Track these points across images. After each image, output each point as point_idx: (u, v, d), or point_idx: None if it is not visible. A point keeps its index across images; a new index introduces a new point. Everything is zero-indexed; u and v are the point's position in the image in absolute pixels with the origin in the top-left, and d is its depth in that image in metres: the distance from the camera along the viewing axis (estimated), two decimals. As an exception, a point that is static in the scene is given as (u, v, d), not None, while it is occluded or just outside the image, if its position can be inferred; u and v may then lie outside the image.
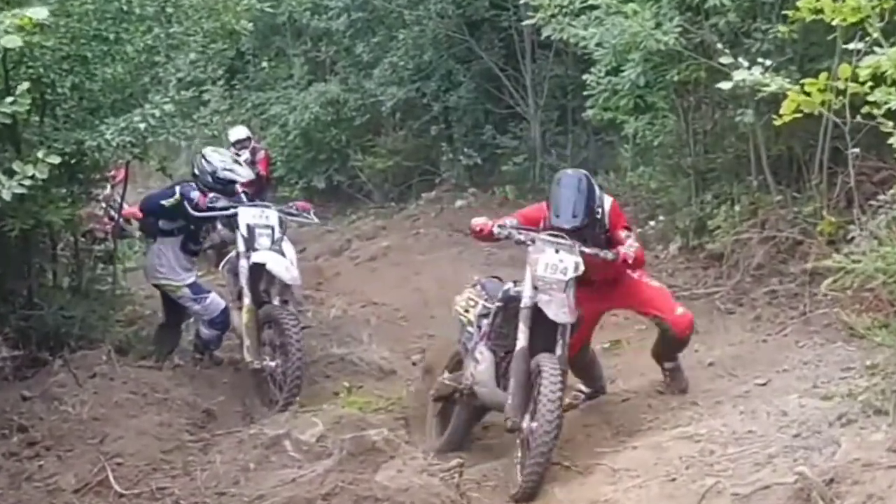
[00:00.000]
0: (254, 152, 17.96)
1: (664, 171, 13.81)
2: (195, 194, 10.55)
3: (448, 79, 19.55)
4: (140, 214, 11.73)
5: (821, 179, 11.05)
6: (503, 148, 18.62)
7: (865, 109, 6.65)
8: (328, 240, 18.86)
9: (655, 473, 7.11)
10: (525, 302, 7.99)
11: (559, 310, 7.92)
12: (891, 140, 6.89)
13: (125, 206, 11.90)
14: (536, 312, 7.97)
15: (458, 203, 18.43)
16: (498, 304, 8.30)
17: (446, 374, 8.94)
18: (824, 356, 9.32)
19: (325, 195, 20.98)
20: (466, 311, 8.68)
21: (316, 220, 11.92)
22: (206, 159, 11.01)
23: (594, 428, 9.10)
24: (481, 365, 8.26)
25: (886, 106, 6.47)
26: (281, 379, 9.80)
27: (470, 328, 8.57)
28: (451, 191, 19.34)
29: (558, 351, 7.91)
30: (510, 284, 8.38)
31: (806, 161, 11.53)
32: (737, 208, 11.76)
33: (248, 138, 18.29)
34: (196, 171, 11.01)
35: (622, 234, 8.58)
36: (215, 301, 10.72)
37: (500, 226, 8.37)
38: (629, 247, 8.37)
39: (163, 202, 10.69)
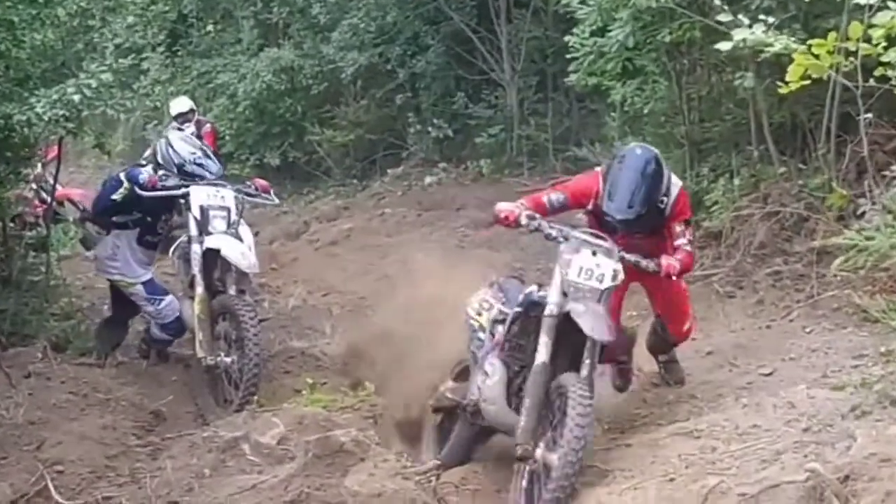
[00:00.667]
0: (199, 126, 17.89)
1: (655, 142, 13.67)
2: (143, 176, 10.41)
3: (414, 42, 19.52)
4: (76, 195, 11.70)
5: (828, 149, 11.10)
6: (476, 118, 18.60)
7: (879, 71, 6.71)
8: (284, 222, 18.85)
9: (652, 473, 7.13)
10: (551, 309, 7.55)
11: (596, 323, 7.44)
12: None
13: (59, 187, 11.81)
14: (562, 323, 7.53)
15: (428, 179, 18.44)
16: (517, 309, 7.83)
17: (449, 384, 8.62)
18: (834, 343, 9.38)
19: (280, 173, 20.87)
20: (479, 314, 8.28)
21: (276, 201, 11.91)
22: (172, 147, 10.79)
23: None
24: (491, 379, 7.79)
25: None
26: (237, 376, 9.77)
27: (481, 334, 8.17)
28: (419, 166, 19.31)
29: (585, 371, 7.47)
30: (533, 287, 7.93)
31: (811, 129, 11.58)
32: (736, 182, 11.81)
33: (192, 111, 18.22)
34: (158, 159, 10.78)
35: (677, 228, 8.26)
36: (172, 304, 10.62)
37: (529, 216, 7.93)
38: (675, 259, 8.02)
39: (114, 197, 10.48)
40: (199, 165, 10.71)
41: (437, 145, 19.19)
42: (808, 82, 6.97)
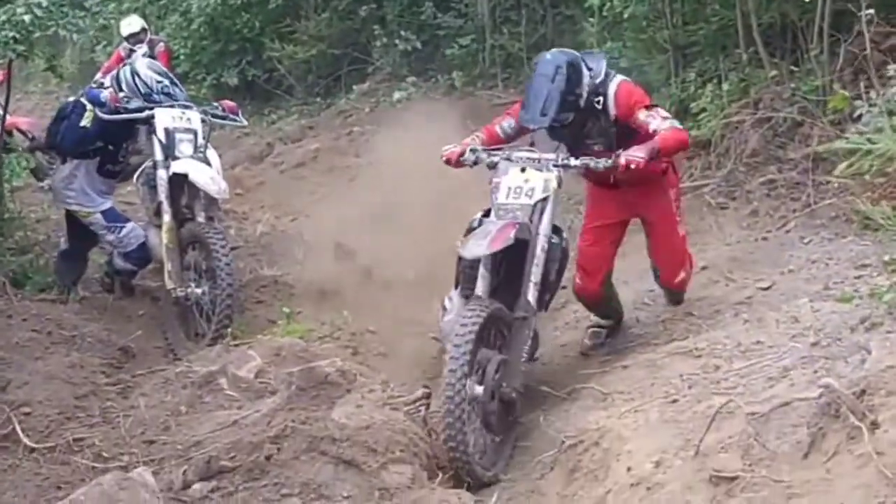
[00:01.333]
0: (151, 46, 17.74)
1: (637, 48, 13.73)
2: (104, 94, 10.36)
3: (379, -52, 19.27)
4: (23, 124, 11.55)
5: (821, 49, 11.05)
6: (446, 28, 18.36)
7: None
8: (246, 144, 18.71)
9: (652, 395, 7.15)
10: None
11: (483, 241, 7.57)
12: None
13: (8, 115, 11.63)
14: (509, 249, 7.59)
15: (396, 95, 18.25)
16: (462, 238, 7.99)
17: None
18: (834, 253, 9.41)
19: (239, 93, 20.47)
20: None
21: (245, 123, 11.93)
22: (139, 76, 10.67)
23: (572, 347, 9.19)
24: (448, 314, 8.09)
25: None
26: (209, 308, 9.78)
27: None
28: (387, 81, 19.12)
29: (529, 294, 7.71)
30: (477, 215, 8.09)
31: (803, 28, 11.51)
32: (725, 87, 11.77)
33: (144, 30, 18.06)
34: (123, 87, 10.65)
35: (640, 117, 8.02)
36: (133, 232, 10.58)
37: (472, 149, 8.15)
38: (643, 147, 7.71)
39: (83, 124, 10.40)
40: (168, 95, 10.63)
41: (405, 58, 18.96)
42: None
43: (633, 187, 8.43)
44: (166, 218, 10.12)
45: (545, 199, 7.76)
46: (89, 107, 10.31)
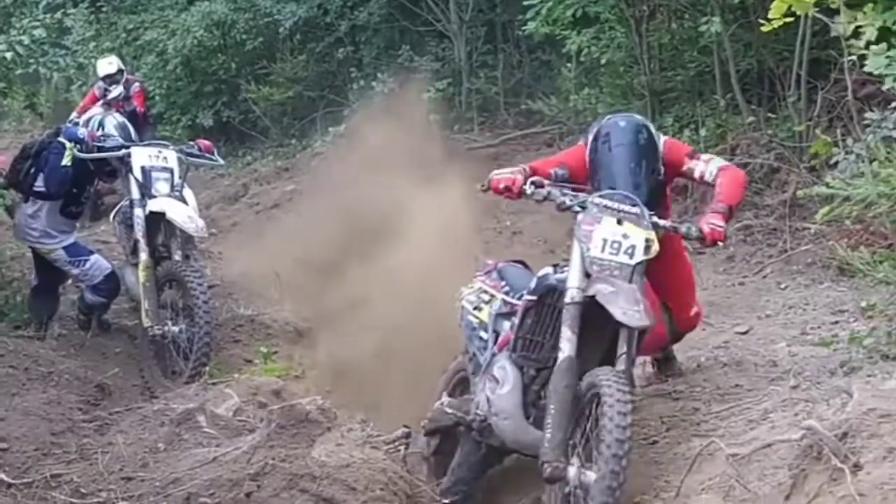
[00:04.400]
0: (127, 86, 17.73)
1: (614, 93, 13.85)
2: (82, 131, 10.41)
3: (355, -8, 19.39)
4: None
5: (798, 96, 11.17)
6: (422, 71, 18.41)
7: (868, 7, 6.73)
8: (220, 185, 18.79)
9: (633, 437, 7.09)
10: (572, 295, 6.49)
11: (629, 307, 6.32)
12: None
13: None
14: (587, 310, 6.48)
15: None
16: (529, 297, 6.80)
17: (445, 399, 7.61)
18: (811, 298, 9.49)
19: (214, 133, 20.50)
20: (478, 308, 7.33)
21: (221, 162, 11.95)
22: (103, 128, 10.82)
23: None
24: (503, 387, 6.73)
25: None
26: (185, 346, 9.74)
27: (483, 333, 7.20)
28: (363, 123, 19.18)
29: (621, 366, 6.39)
30: (548, 270, 6.93)
31: (780, 75, 11.67)
32: (702, 132, 11.88)
33: (121, 71, 18.03)
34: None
35: (690, 164, 7.31)
36: (98, 264, 10.56)
37: (533, 182, 6.99)
38: (714, 219, 6.85)
39: (64, 164, 10.37)
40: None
41: (382, 101, 18.98)
42: (790, 20, 6.94)
43: None
44: (143, 256, 10.11)
45: (643, 262, 6.63)
46: (69, 145, 10.30)
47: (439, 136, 16.98)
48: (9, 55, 9.33)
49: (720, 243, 6.98)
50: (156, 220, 10.17)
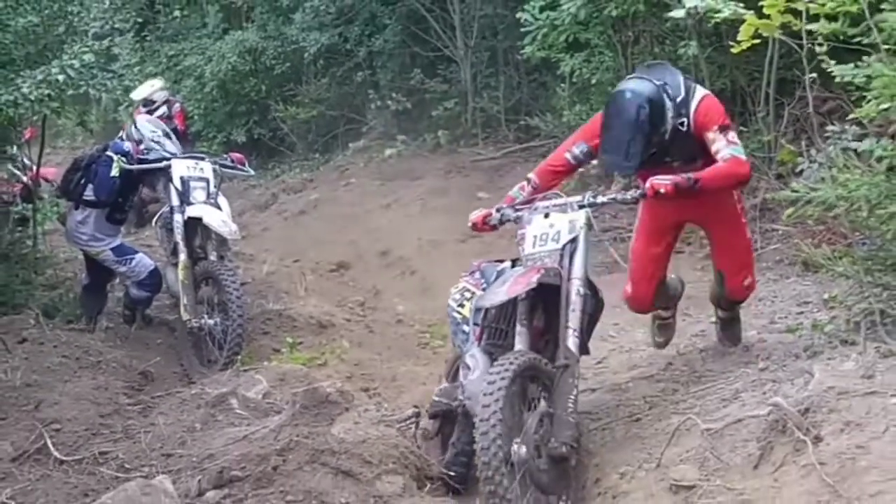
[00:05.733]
0: (169, 106, 17.74)
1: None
2: (127, 145, 10.52)
3: (372, 22, 19.36)
4: (50, 174, 11.61)
5: (767, 112, 11.22)
6: (432, 92, 18.45)
7: (825, 28, 6.73)
8: (252, 195, 18.81)
9: (618, 415, 7.18)
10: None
11: (502, 287, 6.55)
12: (832, 70, 7.02)
13: (32, 165, 11.59)
14: (535, 299, 6.59)
15: (388, 152, 18.35)
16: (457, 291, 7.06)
17: (443, 385, 7.53)
18: (779, 292, 9.50)
19: (246, 149, 20.30)
20: (461, 305, 7.30)
21: (251, 172, 11.96)
22: (136, 125, 10.96)
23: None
24: (474, 373, 6.72)
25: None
26: (220, 337, 9.78)
27: (466, 327, 7.22)
28: (379, 139, 19.21)
29: (569, 341, 6.44)
30: (506, 264, 7.18)
31: (751, 93, 11.69)
32: (681, 144, 11.84)
33: (165, 99, 18.06)
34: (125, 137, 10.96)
35: (710, 137, 6.80)
36: (142, 262, 10.63)
37: (497, 208, 7.11)
38: (662, 176, 6.60)
39: (113, 174, 10.41)
40: (157, 143, 10.73)
41: (396, 119, 19.05)
42: (758, 41, 6.95)
43: (694, 198, 6.98)
44: (182, 257, 10.16)
45: (574, 241, 6.64)
46: (116, 158, 10.36)
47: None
48: (61, 77, 9.28)
49: (661, 191, 6.52)
50: (193, 225, 10.24)
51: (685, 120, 6.87)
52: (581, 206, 6.78)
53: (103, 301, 10.99)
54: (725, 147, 6.73)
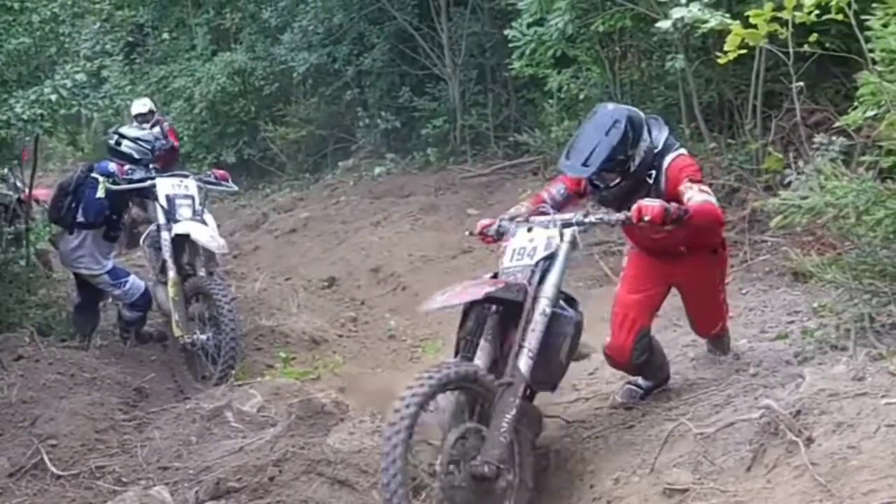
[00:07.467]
0: (160, 125, 17.76)
1: (589, 126, 13.89)
2: (112, 165, 10.53)
3: (360, 42, 19.40)
4: (42, 195, 11.64)
5: (754, 124, 11.29)
6: (421, 110, 18.53)
7: (813, 37, 6.80)
8: (242, 214, 18.85)
9: (611, 423, 7.21)
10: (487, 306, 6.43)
11: (444, 295, 6.35)
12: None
13: (25, 189, 11.61)
14: (504, 314, 6.44)
15: (377, 170, 18.43)
16: (464, 307, 6.58)
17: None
18: (769, 302, 9.53)
19: (236, 169, 20.45)
20: None
21: (235, 188, 12.02)
22: (118, 131, 11.25)
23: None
24: None
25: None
26: (214, 352, 9.79)
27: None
28: (368, 158, 19.29)
29: (521, 360, 6.22)
30: (486, 277, 6.86)
31: (738, 106, 11.77)
32: (669, 158, 11.91)
33: (152, 112, 18.04)
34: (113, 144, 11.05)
35: (682, 189, 6.62)
36: (135, 284, 10.68)
37: (500, 218, 6.99)
38: (650, 201, 6.35)
39: (98, 196, 10.46)
40: (135, 140, 10.99)
41: (385, 137, 19.12)
42: (744, 52, 7.02)
43: (679, 261, 7.15)
44: (171, 274, 10.15)
45: (549, 259, 6.48)
46: (101, 179, 10.40)
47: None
48: (53, 97, 9.37)
49: (646, 218, 6.24)
50: (181, 242, 10.25)
51: (654, 172, 6.76)
52: (566, 225, 6.61)
53: (96, 319, 11.02)
54: (698, 194, 6.57)
